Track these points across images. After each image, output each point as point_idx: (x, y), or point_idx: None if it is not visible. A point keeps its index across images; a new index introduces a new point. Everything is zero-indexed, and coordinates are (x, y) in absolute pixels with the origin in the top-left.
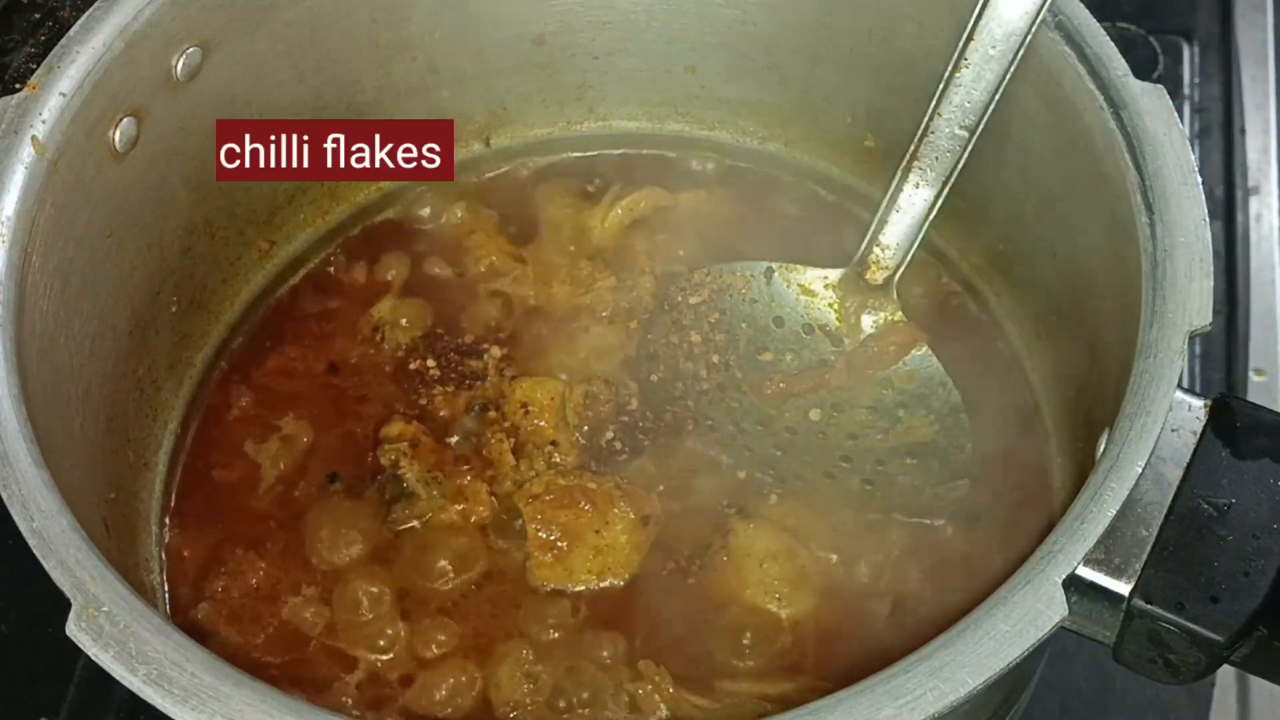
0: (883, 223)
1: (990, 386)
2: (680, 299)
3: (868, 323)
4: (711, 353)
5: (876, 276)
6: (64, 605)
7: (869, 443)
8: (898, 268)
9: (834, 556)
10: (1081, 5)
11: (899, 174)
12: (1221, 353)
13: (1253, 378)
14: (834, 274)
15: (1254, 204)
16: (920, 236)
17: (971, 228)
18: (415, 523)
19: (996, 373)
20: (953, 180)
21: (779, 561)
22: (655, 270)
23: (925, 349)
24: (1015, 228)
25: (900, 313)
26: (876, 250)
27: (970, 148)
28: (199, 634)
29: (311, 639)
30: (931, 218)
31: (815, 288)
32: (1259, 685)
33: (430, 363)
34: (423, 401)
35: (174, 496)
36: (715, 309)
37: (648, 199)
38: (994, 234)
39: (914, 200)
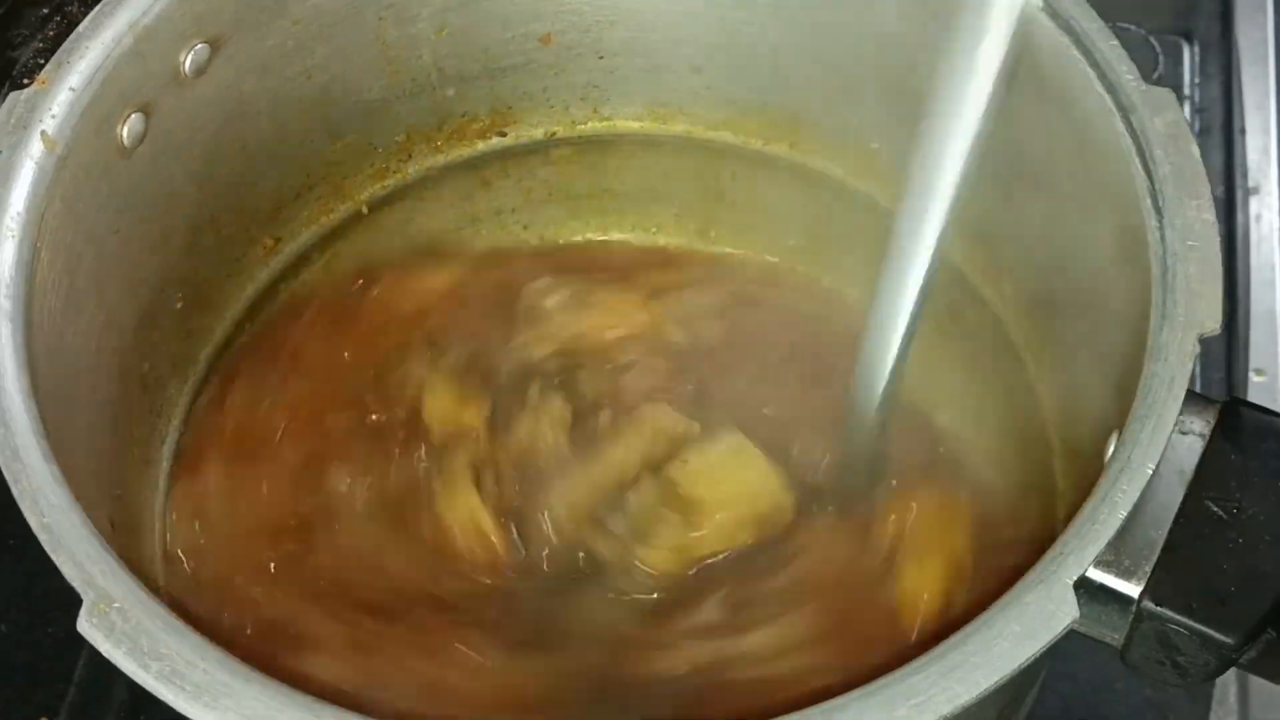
0: None
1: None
2: None
3: None
4: None
5: None
6: (65, 604)
7: None
8: None
9: None
10: (1090, 9)
11: None
12: (1221, 353)
13: (1253, 378)
14: None
15: (1254, 204)
16: None
17: (978, 231)
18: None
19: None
20: None
21: None
22: None
23: None
24: (1022, 230)
25: None
26: None
27: None
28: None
29: None
30: None
31: None
32: (1259, 685)
33: None
34: None
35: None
36: None
37: None
38: (1001, 237)
39: None
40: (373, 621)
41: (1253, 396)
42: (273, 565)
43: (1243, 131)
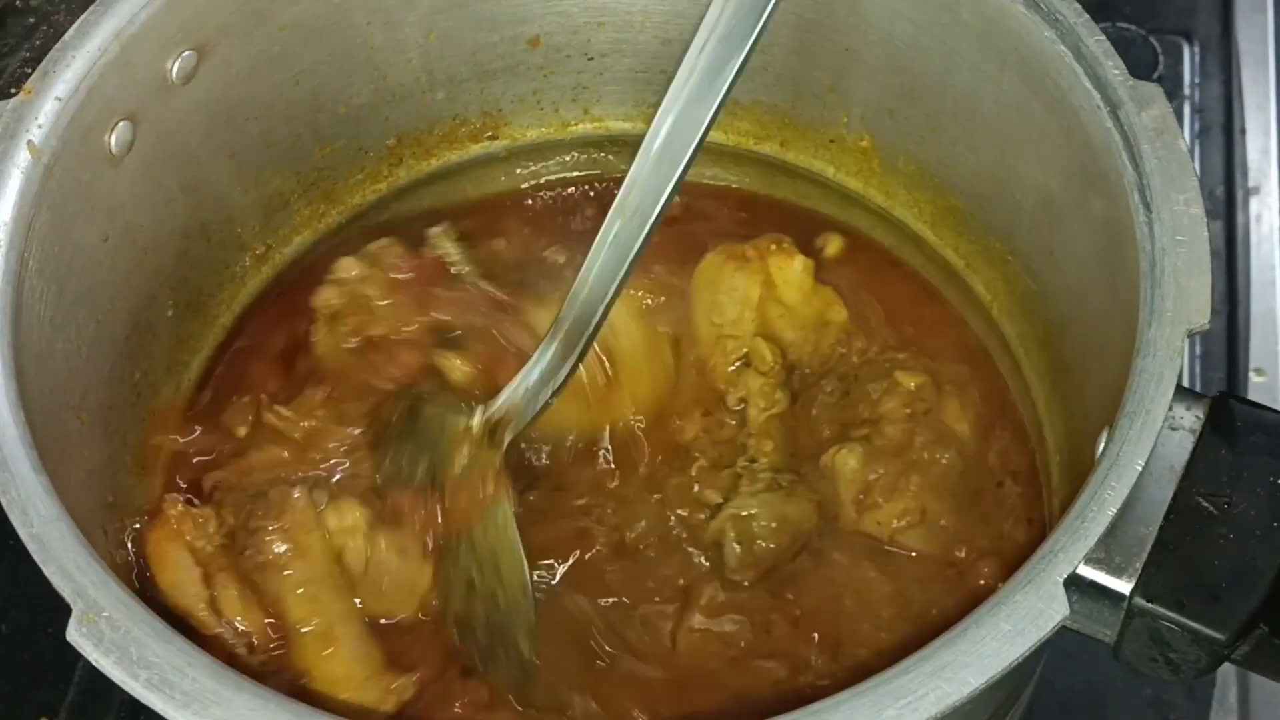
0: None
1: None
2: None
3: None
4: None
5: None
6: (65, 606)
7: None
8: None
9: None
10: (1077, 4)
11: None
12: (1221, 353)
13: (1253, 378)
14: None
15: (1254, 204)
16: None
17: (968, 226)
18: None
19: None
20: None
21: None
22: None
23: None
24: (1012, 227)
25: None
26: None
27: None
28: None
29: None
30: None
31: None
32: (1259, 684)
33: None
34: None
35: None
36: None
37: None
38: (991, 233)
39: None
40: None
41: (1252, 396)
42: None
43: (1243, 131)
